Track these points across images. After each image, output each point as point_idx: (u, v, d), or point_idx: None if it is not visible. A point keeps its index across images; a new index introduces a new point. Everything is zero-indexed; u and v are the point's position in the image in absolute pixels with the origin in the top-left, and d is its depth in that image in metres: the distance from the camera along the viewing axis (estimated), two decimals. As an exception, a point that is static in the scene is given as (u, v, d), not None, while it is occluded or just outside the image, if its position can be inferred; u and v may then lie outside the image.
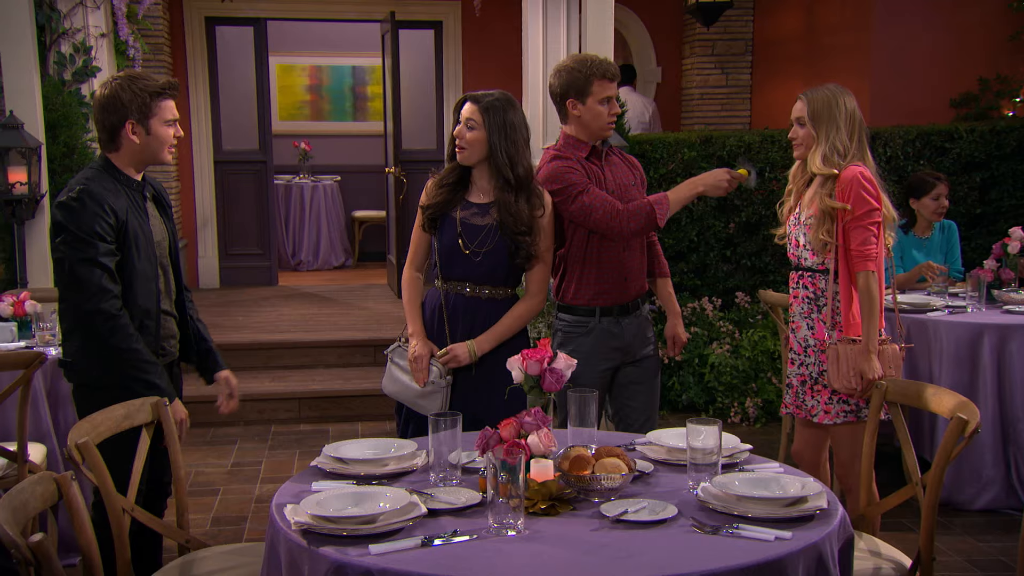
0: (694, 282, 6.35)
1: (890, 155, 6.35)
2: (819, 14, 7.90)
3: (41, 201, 5.17)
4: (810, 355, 3.34)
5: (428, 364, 3.21)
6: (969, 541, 4.05)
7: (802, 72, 8.13)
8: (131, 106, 2.96)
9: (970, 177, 6.35)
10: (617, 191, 3.41)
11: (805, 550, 2.02)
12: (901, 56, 7.05)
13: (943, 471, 2.57)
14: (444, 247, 3.23)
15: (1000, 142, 6.34)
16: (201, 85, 8.86)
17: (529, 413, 2.38)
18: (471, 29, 8.89)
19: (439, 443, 2.44)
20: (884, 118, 6.74)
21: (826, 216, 3.24)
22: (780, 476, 2.38)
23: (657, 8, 8.98)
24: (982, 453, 4.30)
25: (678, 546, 2.04)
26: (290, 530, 2.12)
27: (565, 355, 2.55)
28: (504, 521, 2.11)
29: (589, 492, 2.30)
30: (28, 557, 1.84)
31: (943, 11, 7.00)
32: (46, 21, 5.65)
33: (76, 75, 5.80)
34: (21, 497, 2.05)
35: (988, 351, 4.32)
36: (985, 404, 4.27)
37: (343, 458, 2.55)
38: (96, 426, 2.56)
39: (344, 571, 1.96)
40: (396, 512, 2.15)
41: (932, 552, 2.56)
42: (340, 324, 7.18)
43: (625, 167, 3.58)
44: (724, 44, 8.80)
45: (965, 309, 4.63)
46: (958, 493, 4.36)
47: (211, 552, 2.78)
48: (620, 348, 3.48)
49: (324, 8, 8.98)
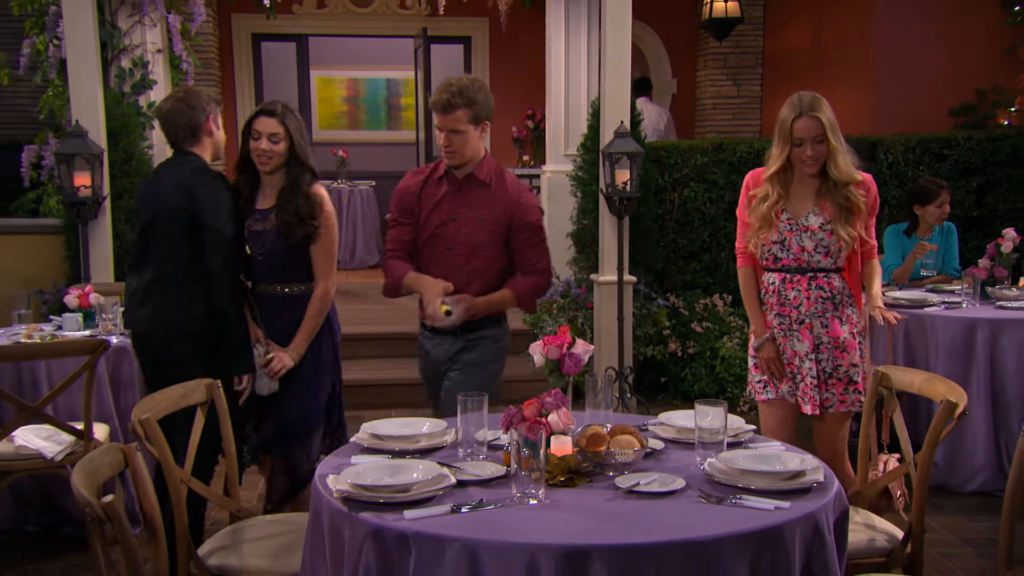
0: (706, 280, 6.38)
1: (891, 161, 6.36)
2: (825, 29, 7.90)
3: (103, 203, 5.26)
4: (823, 351, 3.27)
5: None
6: (962, 521, 4.07)
7: (809, 84, 8.08)
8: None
9: (967, 182, 6.35)
10: (456, 219, 3.26)
11: (802, 519, 2.05)
12: (902, 68, 7.05)
13: (933, 449, 2.60)
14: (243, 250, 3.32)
15: (995, 149, 6.34)
16: (247, 96, 8.98)
17: (550, 394, 2.44)
18: (498, 43, 8.96)
19: (467, 422, 2.50)
20: (886, 126, 6.74)
21: (847, 213, 3.20)
22: (781, 453, 2.42)
23: (672, 23, 9.01)
24: (975, 439, 4.31)
25: (685, 514, 2.08)
26: (332, 497, 2.18)
27: (583, 341, 2.60)
28: (526, 491, 2.16)
29: (604, 466, 2.35)
30: (101, 515, 1.92)
31: (942, 25, 6.99)
32: (108, 38, 5.77)
33: (134, 87, 5.93)
34: (93, 464, 2.13)
35: (982, 344, 4.34)
36: (978, 393, 4.29)
37: (379, 434, 2.61)
38: (156, 404, 2.64)
39: (381, 534, 2.01)
40: (428, 482, 2.21)
41: (923, 525, 2.59)
42: (374, 319, 7.24)
43: (485, 200, 3.26)
44: (736, 57, 8.82)
45: (960, 305, 4.65)
46: (952, 477, 4.39)
47: (258, 521, 2.86)
48: (436, 362, 3.39)
49: (361, 25, 9.07)
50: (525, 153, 9.10)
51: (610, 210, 5.50)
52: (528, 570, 1.88)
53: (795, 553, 2.02)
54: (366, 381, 6.16)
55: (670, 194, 6.33)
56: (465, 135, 3.18)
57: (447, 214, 3.28)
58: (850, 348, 3.27)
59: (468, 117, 3.16)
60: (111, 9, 5.84)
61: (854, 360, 3.27)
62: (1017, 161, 6.33)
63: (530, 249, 3.32)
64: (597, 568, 1.88)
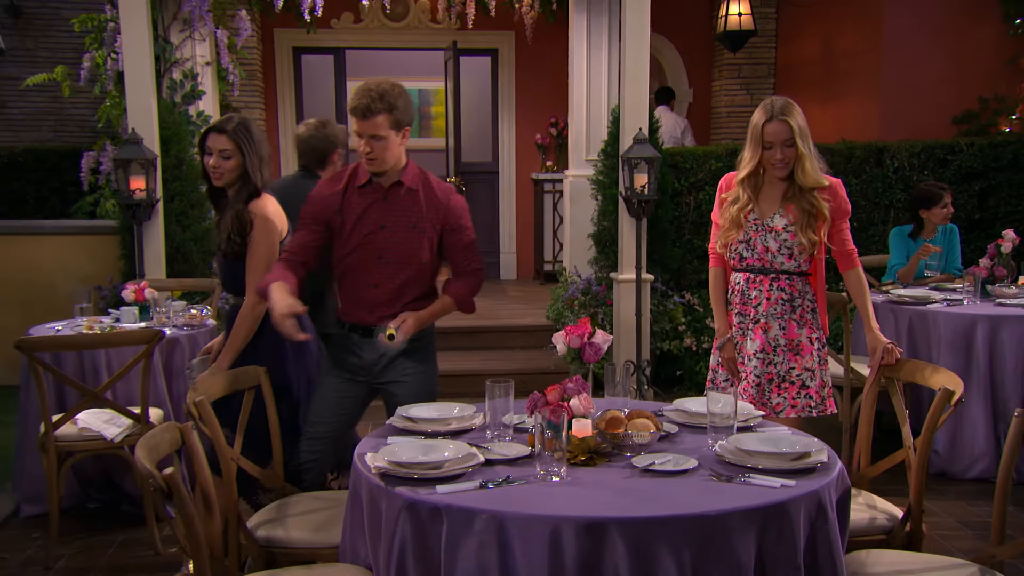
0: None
1: (897, 166, 6.35)
2: (834, 41, 7.89)
3: (156, 205, 5.35)
4: (779, 354, 3.17)
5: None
6: (962, 506, 4.08)
7: (819, 93, 8.12)
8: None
9: (969, 186, 6.34)
10: (385, 228, 3.00)
11: (806, 496, 2.08)
12: (908, 78, 7.03)
13: (932, 434, 2.63)
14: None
15: (997, 155, 6.31)
16: (288, 106, 9.08)
17: (571, 380, 2.49)
18: (523, 55, 8.99)
19: (494, 406, 2.56)
20: (892, 133, 6.73)
21: (810, 217, 3.09)
22: (787, 436, 2.46)
23: (689, 35, 9.01)
24: (975, 429, 4.32)
25: (697, 491, 2.12)
26: (370, 474, 2.24)
27: (602, 331, 2.66)
28: (549, 469, 2.21)
29: (622, 447, 2.39)
30: (162, 486, 2.00)
31: (946, 37, 6.97)
32: (161, 52, 5.86)
33: (185, 98, 6.02)
34: (154, 441, 2.22)
35: (981, 339, 4.35)
36: (978, 385, 4.30)
37: (413, 417, 2.68)
38: (208, 388, 2.73)
39: (416, 507, 2.07)
40: (458, 460, 2.27)
41: (921, 505, 2.62)
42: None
43: (414, 207, 3.02)
44: (749, 68, 8.80)
45: (961, 302, 4.66)
46: (953, 464, 4.39)
47: (302, 497, 2.92)
48: (361, 366, 3.09)
49: (395, 39, 9.13)
50: (548, 159, 9.14)
51: (629, 212, 5.54)
52: (551, 539, 1.94)
53: (799, 528, 2.06)
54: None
55: (686, 197, 6.36)
56: (386, 141, 2.92)
57: (375, 223, 3.00)
58: (804, 352, 3.16)
59: (389, 122, 2.92)
60: (164, 25, 5.95)
61: (808, 365, 3.16)
62: (1018, 166, 6.30)
63: (462, 251, 3.09)
64: (614, 538, 1.93)
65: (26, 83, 6.69)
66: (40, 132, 8.52)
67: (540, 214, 8.97)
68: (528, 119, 9.21)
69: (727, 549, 1.97)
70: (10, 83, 8.24)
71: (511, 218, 9.45)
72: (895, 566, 2.36)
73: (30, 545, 3.72)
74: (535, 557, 1.94)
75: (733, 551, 1.98)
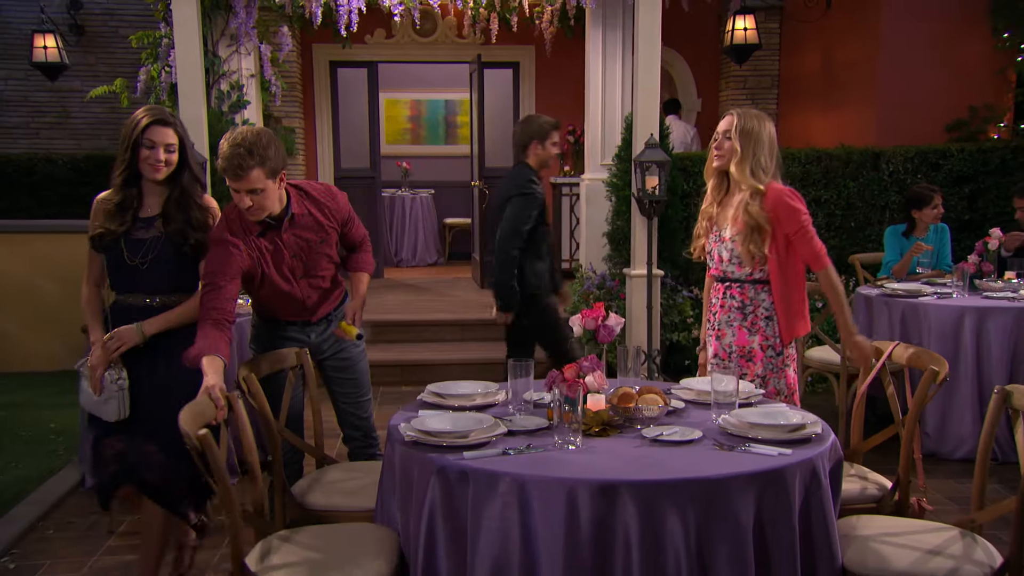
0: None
1: (892, 170, 6.35)
2: (834, 54, 7.88)
3: (205, 205, 5.44)
4: (732, 360, 3.04)
5: (103, 373, 2.76)
6: (949, 483, 4.09)
7: (820, 103, 8.12)
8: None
9: (960, 189, 6.32)
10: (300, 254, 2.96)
11: (801, 463, 2.13)
12: (903, 88, 7.02)
13: (919, 410, 2.66)
14: (111, 262, 2.86)
15: (986, 160, 6.30)
16: (325, 115, 9.17)
17: (587, 359, 2.54)
18: (543, 68, 9.03)
19: (516, 384, 2.61)
20: (888, 139, 6.72)
21: (753, 231, 2.93)
22: (785, 410, 2.50)
23: (698, 49, 9.02)
24: (962, 412, 4.33)
25: (702, 458, 2.17)
26: (403, 442, 2.31)
27: (615, 315, 2.71)
28: (566, 439, 2.26)
29: (633, 420, 2.44)
30: (196, 445, 2.08)
31: (939, 50, 6.95)
32: (210, 65, 5.95)
33: (231, 107, 6.10)
34: (199, 407, 2.29)
35: (969, 329, 4.35)
36: (966, 372, 4.31)
37: (441, 393, 2.74)
38: (256, 365, 2.80)
39: (445, 471, 2.13)
40: (483, 430, 2.33)
41: (909, 476, 2.66)
42: (434, 308, 7.37)
43: (315, 226, 2.99)
44: (754, 79, 8.80)
45: (951, 295, 4.66)
46: (942, 446, 4.41)
47: (338, 467, 3.00)
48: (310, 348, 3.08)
49: (424, 53, 9.19)
50: (567, 164, 9.18)
51: (641, 212, 5.58)
52: (567, 500, 1.99)
53: (795, 492, 2.11)
54: (427, 361, 6.30)
55: (694, 199, 6.37)
56: (265, 192, 2.74)
57: (290, 253, 2.94)
58: (756, 359, 3.01)
59: (264, 174, 2.71)
60: (213, 41, 6.04)
61: (759, 371, 3.00)
62: (1005, 171, 6.29)
63: (354, 231, 3.17)
64: (625, 500, 1.99)
65: (89, 95, 6.81)
66: (99, 140, 8.68)
67: (558, 216, 9.00)
68: (547, 127, 9.25)
69: (728, 510, 2.02)
70: (74, 95, 8.40)
71: (531, 219, 9.48)
72: (883, 529, 2.40)
73: (95, 511, 3.82)
74: (553, 516, 2.00)
75: (734, 512, 2.02)
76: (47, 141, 8.57)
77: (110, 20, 8.61)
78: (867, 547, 2.29)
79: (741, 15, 7.57)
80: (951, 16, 6.91)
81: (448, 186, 11.01)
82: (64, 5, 8.47)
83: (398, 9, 6.25)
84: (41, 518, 3.80)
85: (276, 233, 2.90)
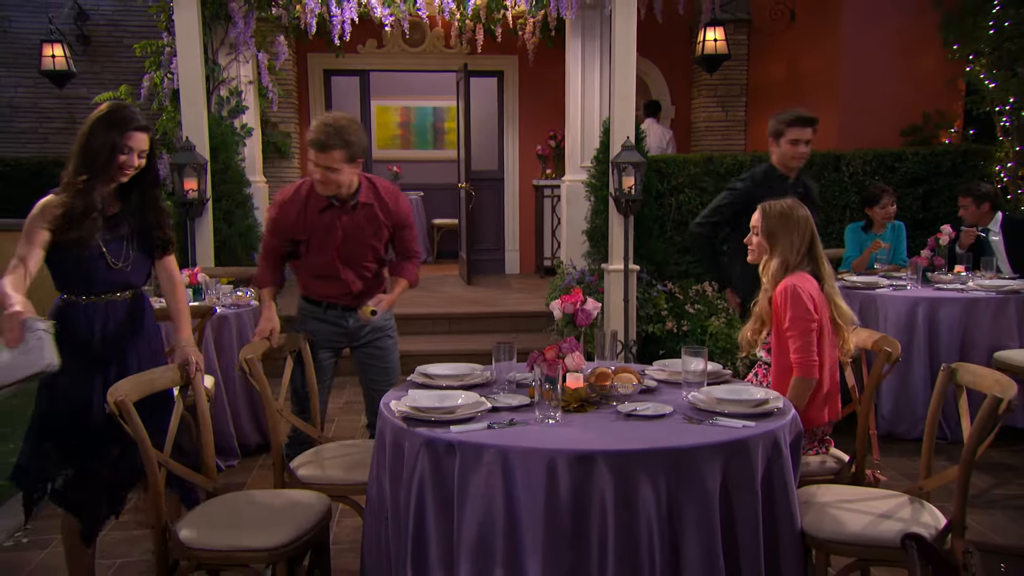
0: (697, 270, 6.47)
1: (852, 172, 6.43)
2: (798, 64, 7.97)
3: (206, 204, 5.45)
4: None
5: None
6: (904, 461, 4.16)
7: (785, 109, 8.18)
8: None
9: (915, 190, 6.41)
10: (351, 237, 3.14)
11: (764, 434, 2.18)
12: (862, 96, 7.11)
13: (874, 388, 2.72)
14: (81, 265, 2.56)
15: (938, 163, 6.40)
16: (320, 122, 9.15)
17: (566, 341, 2.58)
18: (526, 76, 9.05)
19: (500, 365, 2.65)
20: (848, 143, 6.81)
21: (758, 320, 2.87)
22: (750, 387, 2.55)
23: (671, 59, 9.06)
24: (917, 394, 4.40)
25: (672, 431, 2.21)
26: (394, 418, 2.33)
27: (593, 299, 2.75)
28: (547, 414, 2.29)
29: (609, 397, 2.48)
30: (113, 409, 2.11)
31: (895, 61, 7.04)
32: (210, 72, 5.95)
33: (230, 112, 6.11)
34: (149, 377, 2.30)
35: (922, 318, 4.43)
36: (919, 357, 4.38)
37: (430, 374, 2.77)
38: (256, 349, 2.82)
39: (433, 444, 2.15)
40: (469, 406, 2.36)
41: (865, 450, 2.71)
42: (424, 303, 7.37)
43: (372, 218, 3.17)
44: (724, 88, 8.86)
45: (905, 287, 4.74)
46: (897, 426, 4.47)
47: (334, 444, 3.02)
48: (345, 334, 3.27)
49: (413, 62, 9.20)
50: (548, 167, 9.22)
51: (618, 210, 5.63)
52: (547, 469, 2.02)
53: (758, 460, 2.15)
54: (418, 352, 6.31)
55: (668, 199, 6.44)
56: (339, 172, 2.97)
57: (343, 234, 3.10)
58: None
59: (344, 157, 2.94)
60: (213, 49, 6.04)
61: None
62: (955, 173, 6.38)
63: (409, 242, 3.32)
64: (601, 468, 2.02)
65: (94, 100, 6.79)
66: (104, 144, 8.61)
67: (540, 216, 9.05)
68: (530, 132, 9.29)
69: (696, 477, 2.06)
70: (80, 102, 8.36)
71: (515, 219, 9.53)
72: (839, 497, 2.45)
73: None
74: (534, 484, 2.03)
75: (702, 479, 2.06)
76: (55, 145, 8.52)
77: (115, 31, 8.57)
78: (824, 512, 2.34)
79: (711, 27, 7.64)
80: (906, 29, 7.01)
81: (436, 188, 11.02)
82: (71, 16, 8.43)
83: (389, 20, 6.27)
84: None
85: (337, 213, 3.08)
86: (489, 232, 9.62)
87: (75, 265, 2.56)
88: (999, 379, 2.25)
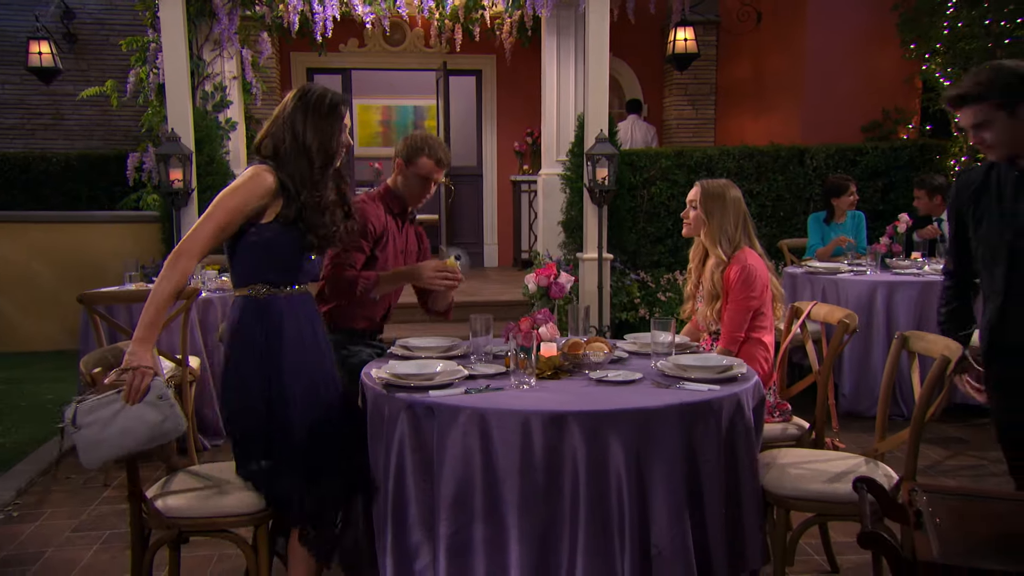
0: (669, 260, 6.53)
1: (815, 165, 6.52)
2: (764, 63, 8.06)
3: (191, 195, 5.44)
4: None
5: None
6: (864, 437, 4.22)
7: (752, 105, 8.29)
8: None
9: (875, 182, 6.51)
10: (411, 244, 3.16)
11: (728, 397, 2.21)
12: (825, 93, 7.21)
13: (833, 359, 2.77)
14: (290, 250, 2.41)
15: (896, 157, 6.50)
16: (303, 119, 9.11)
17: (540, 312, 2.62)
18: (503, 75, 9.07)
19: (476, 337, 2.68)
20: (812, 137, 6.90)
21: (713, 297, 2.97)
22: (715, 356, 2.60)
23: (643, 59, 9.12)
24: (876, 374, 4.48)
25: (641, 394, 2.24)
26: (375, 384, 2.35)
27: (566, 273, 2.78)
28: (522, 380, 2.33)
29: (581, 365, 2.52)
30: (88, 381, 2.14)
31: (856, 60, 7.15)
32: (195, 68, 5.93)
33: (215, 107, 6.09)
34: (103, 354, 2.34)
35: (881, 301, 4.51)
36: (878, 337, 4.46)
37: (409, 346, 2.80)
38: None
39: (413, 407, 2.18)
40: (447, 373, 2.38)
41: (824, 418, 2.77)
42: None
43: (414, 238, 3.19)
44: (695, 86, 8.93)
45: (865, 272, 4.82)
46: (858, 404, 4.55)
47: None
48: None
49: (393, 61, 9.19)
50: (525, 163, 9.25)
51: (592, 200, 5.67)
52: (522, 429, 2.06)
53: (722, 422, 2.18)
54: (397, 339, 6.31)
55: (641, 191, 6.49)
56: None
57: (400, 247, 3.08)
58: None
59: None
60: (198, 45, 6.01)
61: None
62: (913, 166, 6.49)
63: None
64: (572, 428, 2.05)
65: (80, 96, 6.74)
66: (91, 140, 8.56)
67: (518, 211, 9.08)
68: (507, 130, 9.32)
69: (664, 436, 2.10)
70: (66, 98, 8.29)
71: (493, 214, 9.55)
72: (799, 458, 2.50)
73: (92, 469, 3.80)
74: (510, 443, 2.06)
75: (669, 438, 2.10)
76: (42, 141, 8.44)
77: (101, 29, 8.50)
78: (785, 472, 2.39)
79: (682, 27, 7.70)
80: (866, 30, 7.12)
81: (417, 186, 10.97)
82: (58, 15, 8.34)
83: (370, 18, 6.27)
84: (41, 474, 3.78)
85: (405, 223, 3.06)
86: (468, 227, 9.63)
87: (284, 250, 2.37)
88: (948, 344, 2.31)
